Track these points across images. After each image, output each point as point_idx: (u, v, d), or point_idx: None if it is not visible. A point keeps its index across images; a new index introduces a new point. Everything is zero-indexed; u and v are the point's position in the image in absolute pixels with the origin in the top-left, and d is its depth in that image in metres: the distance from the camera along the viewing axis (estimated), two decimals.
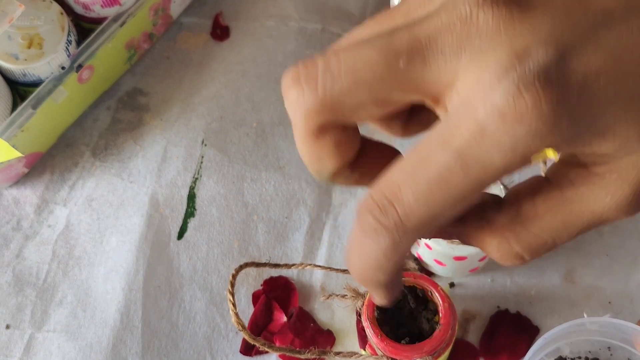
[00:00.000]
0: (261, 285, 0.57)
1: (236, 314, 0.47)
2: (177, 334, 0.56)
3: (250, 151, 0.62)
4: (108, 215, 0.60)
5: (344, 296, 0.50)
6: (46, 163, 0.62)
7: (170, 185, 0.60)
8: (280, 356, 0.55)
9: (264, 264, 0.52)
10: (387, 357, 0.47)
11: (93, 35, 0.59)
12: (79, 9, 0.60)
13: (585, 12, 0.24)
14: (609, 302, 0.56)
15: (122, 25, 0.59)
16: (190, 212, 0.60)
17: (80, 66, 0.58)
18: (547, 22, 0.24)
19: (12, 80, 0.58)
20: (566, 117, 0.24)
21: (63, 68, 0.57)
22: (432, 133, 0.25)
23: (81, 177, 0.61)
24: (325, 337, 0.56)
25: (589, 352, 0.51)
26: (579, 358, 0.51)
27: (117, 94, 0.65)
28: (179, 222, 0.59)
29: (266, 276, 0.57)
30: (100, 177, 0.61)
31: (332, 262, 0.58)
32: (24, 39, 0.56)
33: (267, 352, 0.54)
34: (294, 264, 0.53)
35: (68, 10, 0.60)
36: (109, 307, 0.56)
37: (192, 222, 0.59)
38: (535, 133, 0.23)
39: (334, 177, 0.31)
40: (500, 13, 0.24)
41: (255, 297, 0.57)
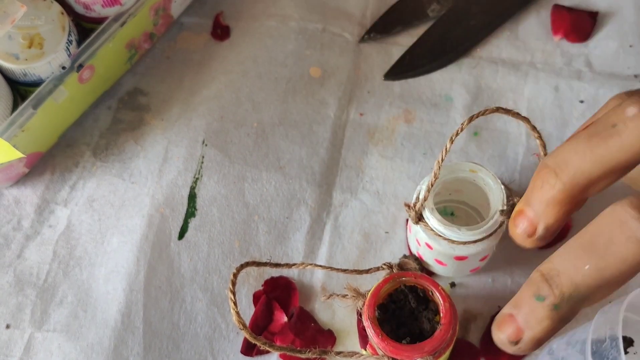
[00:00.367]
0: (262, 286, 0.57)
1: (237, 313, 0.47)
2: (179, 335, 0.56)
3: (250, 151, 0.62)
4: (109, 216, 0.60)
5: (344, 296, 0.50)
6: (47, 163, 0.62)
7: (171, 185, 0.60)
8: (281, 356, 0.55)
9: (265, 264, 0.52)
10: (388, 357, 0.47)
11: (94, 35, 0.59)
12: (79, 9, 0.60)
13: None
14: (609, 302, 0.56)
15: (122, 25, 0.59)
16: (191, 212, 0.60)
17: (80, 66, 0.58)
18: None
19: (13, 80, 0.58)
20: None
21: (64, 68, 0.57)
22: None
23: (82, 178, 0.61)
24: (326, 337, 0.56)
25: None
26: None
27: (118, 94, 0.65)
28: (180, 222, 0.59)
29: (267, 276, 0.57)
30: (101, 178, 0.61)
31: (333, 262, 0.58)
32: (25, 38, 0.56)
33: (268, 352, 0.54)
34: (294, 264, 0.53)
35: (68, 10, 0.60)
36: (110, 308, 0.56)
37: (192, 222, 0.59)
38: None
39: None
40: None
41: (256, 298, 0.57)
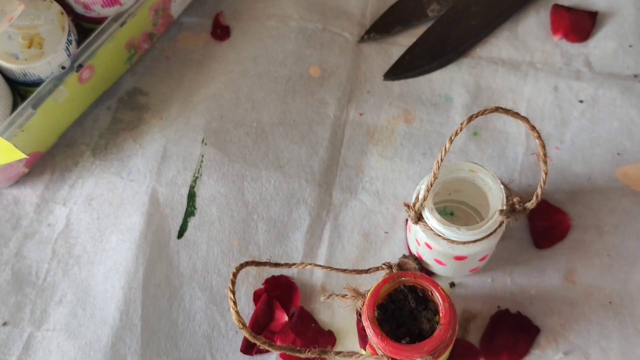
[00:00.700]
0: (262, 284, 0.57)
1: (237, 313, 0.47)
2: (177, 333, 0.56)
3: (250, 150, 0.62)
4: (108, 214, 0.60)
5: (344, 296, 0.50)
6: (46, 163, 0.62)
7: (171, 184, 0.60)
8: (280, 355, 0.55)
9: (265, 263, 0.52)
10: (388, 357, 0.47)
11: (93, 35, 0.59)
12: (79, 9, 0.60)
13: None
14: (609, 302, 0.56)
15: (122, 25, 0.60)
16: (190, 211, 0.60)
17: (80, 66, 0.58)
18: None
19: (13, 80, 0.58)
20: None
21: (63, 68, 0.57)
22: None
23: (81, 177, 0.61)
24: (326, 338, 0.55)
25: None
26: None
27: (118, 94, 0.65)
28: (179, 221, 0.59)
29: (266, 275, 0.57)
30: (99, 176, 0.61)
31: (333, 261, 0.58)
32: (24, 38, 0.57)
33: (267, 351, 0.54)
34: (294, 264, 0.53)
35: (68, 10, 0.60)
36: (109, 306, 0.56)
37: (192, 221, 0.59)
38: None
39: None
40: None
41: (257, 296, 0.57)
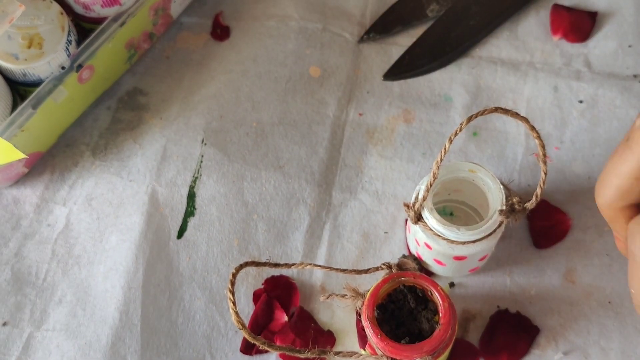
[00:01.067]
0: (262, 284, 0.57)
1: (236, 313, 0.47)
2: (177, 333, 0.56)
3: (250, 150, 0.62)
4: (108, 214, 0.60)
5: (343, 296, 0.50)
6: (46, 163, 0.62)
7: (170, 184, 0.60)
8: (280, 355, 0.55)
9: (264, 264, 0.52)
10: (387, 357, 0.47)
11: (93, 35, 0.59)
12: (79, 9, 0.60)
13: None
14: (609, 302, 0.56)
15: (122, 25, 0.60)
16: (190, 211, 0.60)
17: (80, 66, 0.58)
18: None
19: (12, 80, 0.58)
20: None
21: (63, 68, 0.57)
22: None
23: (81, 177, 0.61)
24: (325, 338, 0.55)
25: None
26: None
27: (117, 94, 0.65)
28: (179, 221, 0.59)
29: (266, 275, 0.57)
30: (99, 176, 0.61)
31: (332, 261, 0.58)
32: (24, 38, 0.57)
33: (267, 351, 0.54)
34: (294, 264, 0.53)
35: (68, 10, 0.60)
36: (109, 306, 0.56)
37: (191, 221, 0.59)
38: None
39: None
40: None
41: (256, 296, 0.57)
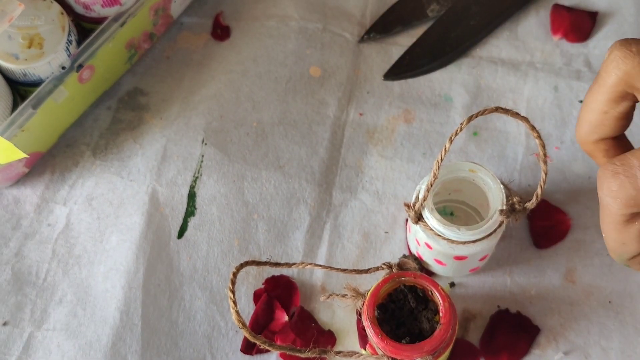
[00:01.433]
0: (263, 284, 0.57)
1: (237, 313, 0.47)
2: (177, 333, 0.56)
3: (250, 150, 0.62)
4: (108, 214, 0.60)
5: (344, 296, 0.50)
6: (46, 163, 0.62)
7: (171, 184, 0.60)
8: (280, 355, 0.55)
9: (265, 263, 0.52)
10: (388, 357, 0.47)
11: (93, 35, 0.59)
12: (79, 9, 0.60)
13: None
14: (609, 302, 0.56)
15: (122, 25, 0.60)
16: (190, 211, 0.60)
17: (80, 66, 0.58)
18: None
19: (13, 80, 0.58)
20: None
21: (63, 68, 0.57)
22: None
23: (81, 177, 0.61)
24: (326, 338, 0.55)
25: None
26: None
27: (118, 94, 0.65)
28: (179, 221, 0.59)
29: (266, 275, 0.57)
30: (100, 176, 0.61)
31: (333, 261, 0.58)
32: (25, 38, 0.57)
33: (267, 350, 0.54)
34: (294, 263, 0.53)
35: (68, 10, 0.60)
36: (109, 306, 0.56)
37: (192, 221, 0.59)
38: None
39: (632, 261, 0.39)
40: None
41: (257, 296, 0.57)
